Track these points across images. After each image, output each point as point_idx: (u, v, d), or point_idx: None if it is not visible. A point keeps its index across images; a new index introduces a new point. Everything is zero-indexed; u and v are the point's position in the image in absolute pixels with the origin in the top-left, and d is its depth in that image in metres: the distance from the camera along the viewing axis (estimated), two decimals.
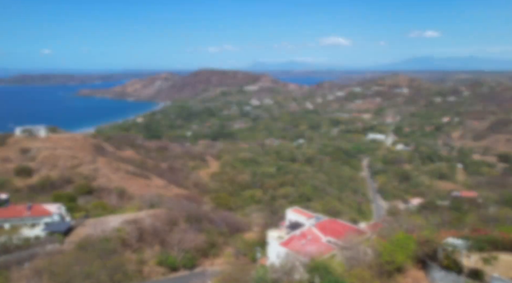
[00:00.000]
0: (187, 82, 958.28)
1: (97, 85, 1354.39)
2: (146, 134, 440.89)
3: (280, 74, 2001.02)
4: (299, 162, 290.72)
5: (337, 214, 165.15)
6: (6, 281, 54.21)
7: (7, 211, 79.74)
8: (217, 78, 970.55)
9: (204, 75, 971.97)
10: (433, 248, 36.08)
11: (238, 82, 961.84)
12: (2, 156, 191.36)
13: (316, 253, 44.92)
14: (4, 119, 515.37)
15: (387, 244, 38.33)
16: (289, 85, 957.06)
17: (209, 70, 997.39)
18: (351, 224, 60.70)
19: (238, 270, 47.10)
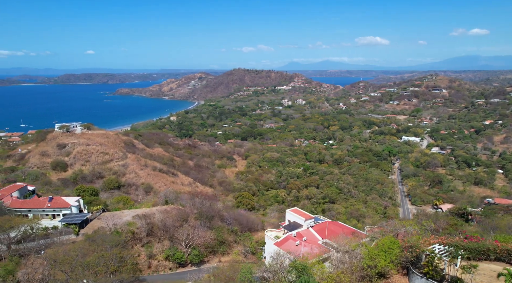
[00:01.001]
0: (220, 82, 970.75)
1: (135, 84, 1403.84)
2: (178, 133, 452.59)
3: (314, 74, 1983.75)
4: (327, 163, 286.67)
5: (360, 217, 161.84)
6: (17, 267, 58.08)
7: (31, 202, 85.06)
8: (250, 78, 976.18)
9: (237, 75, 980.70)
10: (416, 254, 34.67)
11: (271, 82, 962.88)
12: (42, 151, 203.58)
13: (308, 254, 44.56)
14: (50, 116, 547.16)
15: (371, 248, 37.29)
16: (322, 85, 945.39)
17: (243, 70, 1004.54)
18: (351, 227, 59.28)
19: (230, 268, 47.59)
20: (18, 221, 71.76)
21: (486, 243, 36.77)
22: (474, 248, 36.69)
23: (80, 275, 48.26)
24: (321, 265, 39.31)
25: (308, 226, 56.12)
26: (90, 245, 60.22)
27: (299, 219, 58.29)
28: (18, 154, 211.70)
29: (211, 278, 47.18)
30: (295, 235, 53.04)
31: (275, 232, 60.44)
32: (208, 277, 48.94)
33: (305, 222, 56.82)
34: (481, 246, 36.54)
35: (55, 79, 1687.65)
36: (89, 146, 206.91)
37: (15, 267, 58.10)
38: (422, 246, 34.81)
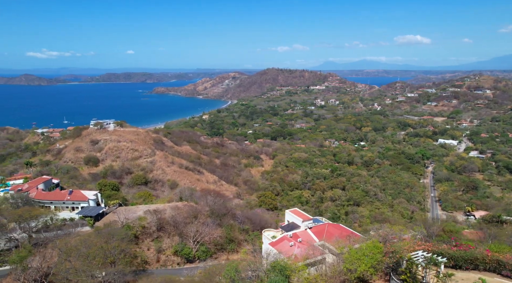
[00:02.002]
0: (254, 81, 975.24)
1: (171, 83, 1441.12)
2: (209, 131, 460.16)
3: (350, 74, 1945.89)
4: (356, 165, 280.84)
5: (384, 221, 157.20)
6: (29, 254, 61.95)
7: (53, 194, 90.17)
8: (283, 77, 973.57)
9: (270, 75, 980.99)
10: (395, 260, 33.31)
11: (305, 81, 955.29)
12: (76, 146, 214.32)
13: (301, 255, 44.24)
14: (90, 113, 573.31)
15: (353, 251, 36.34)
16: (357, 85, 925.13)
17: (276, 69, 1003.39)
18: (352, 230, 57.82)
19: (221, 266, 48.14)
20: (38, 211, 76.58)
21: (474, 252, 34.73)
22: (461, 256, 34.72)
23: (81, 265, 51.00)
24: (302, 267, 38.89)
25: (306, 227, 55.52)
26: (96, 237, 63.13)
27: (297, 219, 57.78)
28: (56, 148, 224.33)
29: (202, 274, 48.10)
30: (291, 236, 52.72)
31: (273, 232, 60.35)
32: (199, 273, 49.80)
33: (303, 223, 56.24)
34: (468, 254, 34.50)
35: (97, 78, 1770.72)
36: (120, 142, 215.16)
37: (27, 254, 62.35)
38: (404, 252, 33.52)
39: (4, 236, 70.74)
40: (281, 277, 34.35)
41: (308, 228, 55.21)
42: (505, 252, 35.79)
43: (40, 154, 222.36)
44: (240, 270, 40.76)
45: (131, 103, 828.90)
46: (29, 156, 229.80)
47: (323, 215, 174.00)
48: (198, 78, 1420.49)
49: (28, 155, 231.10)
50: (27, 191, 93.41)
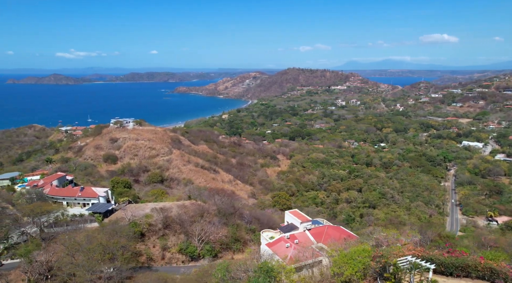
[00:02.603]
0: (274, 81, 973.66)
1: (193, 83, 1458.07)
2: (228, 131, 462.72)
3: (373, 73, 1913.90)
4: (374, 166, 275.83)
5: (399, 224, 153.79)
6: (36, 248, 64.08)
7: (65, 190, 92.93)
8: (304, 77, 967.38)
9: (291, 74, 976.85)
10: (381, 265, 32.30)
11: (326, 81, 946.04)
12: (96, 144, 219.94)
13: (296, 257, 43.85)
14: (113, 112, 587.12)
15: (342, 254, 35.56)
16: (379, 85, 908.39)
17: (297, 69, 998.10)
18: (352, 233, 56.61)
19: (213, 265, 48.25)
20: (49, 207, 79.15)
21: (466, 259, 33.24)
22: (451, 263, 33.28)
23: (81, 260, 52.54)
24: (290, 268, 38.42)
25: (305, 229, 54.85)
26: (99, 233, 64.62)
27: (295, 221, 57.16)
28: (77, 146, 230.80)
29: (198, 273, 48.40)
30: (288, 237, 52.25)
31: (272, 232, 59.99)
32: (195, 272, 50.13)
33: (301, 225, 55.56)
34: (459, 261, 33.03)
35: (121, 77, 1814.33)
36: (138, 141, 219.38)
37: (34, 248, 64.68)
38: (393, 257, 32.53)
39: (17, 229, 73.68)
40: (263, 279, 34.05)
41: (306, 229, 54.63)
42: (501, 260, 34.27)
43: (62, 151, 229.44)
44: (231, 270, 40.88)
45: (153, 102, 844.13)
46: (52, 152, 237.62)
47: (338, 216, 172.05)
48: (219, 78, 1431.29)
49: (51, 152, 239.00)
50: (41, 186, 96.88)
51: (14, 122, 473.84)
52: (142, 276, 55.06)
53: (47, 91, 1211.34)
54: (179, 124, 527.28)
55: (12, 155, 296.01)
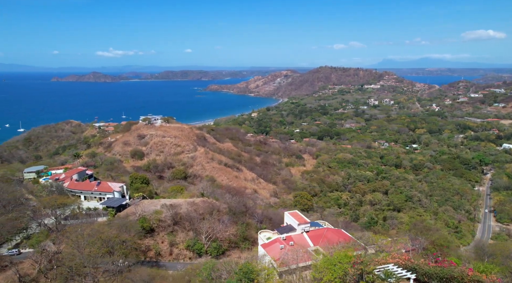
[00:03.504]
0: (305, 80, 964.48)
1: (225, 81, 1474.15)
2: (256, 129, 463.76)
3: (410, 72, 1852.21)
4: (404, 168, 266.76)
5: (424, 229, 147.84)
6: (46, 238, 67.03)
7: (82, 185, 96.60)
8: (336, 76, 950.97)
9: (323, 73, 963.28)
10: (359, 272, 30.80)
11: (359, 80, 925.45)
12: (125, 140, 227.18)
13: (287, 259, 43.16)
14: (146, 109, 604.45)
15: (324, 259, 34.30)
16: (415, 84, 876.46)
17: (329, 67, 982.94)
18: (352, 237, 54.65)
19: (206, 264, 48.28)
20: (64, 200, 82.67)
21: (453, 270, 30.96)
22: (435, 273, 31.15)
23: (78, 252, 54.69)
24: (270, 271, 37.67)
25: (303, 231, 53.69)
26: (104, 228, 66.57)
27: (294, 222, 56.07)
28: (107, 142, 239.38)
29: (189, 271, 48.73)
30: (284, 239, 51.33)
31: (270, 233, 59.21)
32: (188, 269, 50.47)
33: (299, 226, 54.37)
34: (444, 272, 30.82)
35: (156, 76, 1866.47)
36: (165, 137, 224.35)
37: (44, 238, 67.91)
38: (374, 264, 31.01)
39: (34, 220, 77.62)
40: (236, 280, 33.68)
41: (304, 231, 53.51)
42: (493, 272, 31.83)
43: (94, 146, 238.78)
44: (217, 270, 40.82)
45: (186, 100, 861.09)
46: (84, 147, 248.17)
47: (360, 218, 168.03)
48: (251, 76, 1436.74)
49: (84, 147, 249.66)
50: (62, 180, 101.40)
51: (55, 118, 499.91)
52: (137, 270, 56.23)
53: (87, 88, 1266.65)
54: (209, 122, 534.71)
55: (50, 148, 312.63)
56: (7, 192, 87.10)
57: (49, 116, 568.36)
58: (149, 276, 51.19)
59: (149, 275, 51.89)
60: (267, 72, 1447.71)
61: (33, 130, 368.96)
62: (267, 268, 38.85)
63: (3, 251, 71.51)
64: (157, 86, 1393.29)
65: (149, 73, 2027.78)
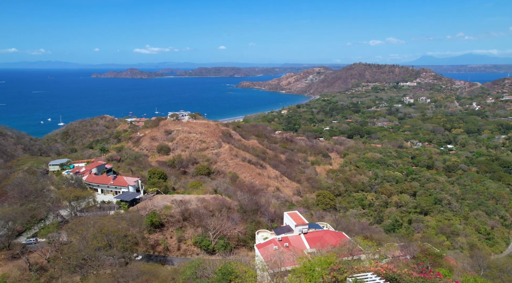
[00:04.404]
0: (338, 77, 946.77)
1: (257, 78, 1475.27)
2: (285, 126, 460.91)
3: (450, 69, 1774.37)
4: (436, 169, 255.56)
5: (451, 234, 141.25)
6: (56, 229, 69.67)
7: (99, 178, 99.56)
8: (371, 73, 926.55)
9: (357, 70, 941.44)
10: (334, 280, 29.02)
11: (394, 77, 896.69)
12: (152, 135, 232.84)
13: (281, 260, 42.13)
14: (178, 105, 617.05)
15: (304, 264, 32.80)
16: (455, 82, 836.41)
17: (363, 64, 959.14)
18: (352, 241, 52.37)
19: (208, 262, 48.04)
20: (79, 193, 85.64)
21: (437, 282, 28.49)
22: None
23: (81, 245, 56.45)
24: (251, 273, 36.60)
25: (300, 232, 52.12)
26: (109, 221, 68.08)
27: (291, 223, 54.56)
28: (136, 136, 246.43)
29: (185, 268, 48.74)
30: (280, 240, 50.07)
31: (268, 233, 58.00)
32: (179, 267, 50.47)
33: (296, 228, 52.77)
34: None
35: (190, 72, 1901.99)
36: (191, 133, 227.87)
37: (54, 229, 70.86)
38: (352, 272, 29.23)
39: (51, 211, 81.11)
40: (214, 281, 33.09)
41: (302, 233, 51.99)
42: None
43: (124, 141, 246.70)
44: (203, 269, 40.47)
45: (217, 97, 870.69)
46: (115, 142, 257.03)
47: (384, 220, 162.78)
48: (284, 73, 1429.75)
49: (115, 141, 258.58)
50: (82, 174, 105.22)
51: (93, 112, 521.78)
52: (132, 265, 57.13)
53: (123, 84, 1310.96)
54: (239, 119, 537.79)
55: (85, 142, 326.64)
56: (31, 183, 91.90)
57: (87, 110, 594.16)
58: (139, 272, 51.91)
59: (140, 271, 52.61)
60: (300, 69, 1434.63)
61: (71, 125, 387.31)
62: (248, 269, 38.05)
63: (22, 240, 75.39)
64: (190, 82, 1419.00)
65: (183, 70, 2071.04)
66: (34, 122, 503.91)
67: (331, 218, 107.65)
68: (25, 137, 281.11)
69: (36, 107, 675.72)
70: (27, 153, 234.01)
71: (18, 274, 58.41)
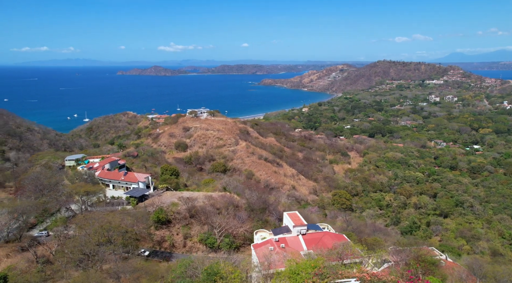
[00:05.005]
0: (362, 74, 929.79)
1: (280, 75, 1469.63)
2: (305, 124, 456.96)
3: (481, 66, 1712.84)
4: (460, 170, 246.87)
5: (471, 238, 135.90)
6: (63, 223, 71.29)
7: (111, 174, 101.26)
8: (395, 70, 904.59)
9: (381, 67, 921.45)
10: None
11: (420, 75, 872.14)
12: (170, 132, 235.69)
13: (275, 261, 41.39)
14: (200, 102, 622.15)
15: (288, 268, 31.72)
16: (485, 79, 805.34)
17: (388, 61, 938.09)
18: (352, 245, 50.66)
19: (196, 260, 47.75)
20: (89, 188, 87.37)
21: None
22: None
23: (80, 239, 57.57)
24: (237, 273, 35.80)
25: (298, 233, 50.93)
26: (114, 217, 68.95)
27: (290, 223, 53.40)
28: (156, 133, 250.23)
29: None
30: (277, 240, 49.09)
31: (266, 233, 57.01)
32: (172, 264, 50.45)
33: (294, 228, 51.57)
34: None
35: (212, 69, 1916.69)
36: (208, 130, 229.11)
37: (64, 222, 72.98)
38: (335, 277, 28.00)
39: (63, 206, 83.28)
40: (189, 280, 32.57)
41: (300, 234, 50.84)
42: None
43: (143, 137, 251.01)
44: (194, 268, 40.14)
45: (238, 94, 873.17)
46: (135, 138, 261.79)
47: (401, 222, 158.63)
48: (306, 70, 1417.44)
49: (135, 137, 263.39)
50: (95, 169, 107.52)
51: (117, 108, 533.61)
52: (130, 261, 57.65)
53: (148, 81, 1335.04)
54: (259, 116, 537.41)
55: (108, 138, 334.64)
56: (46, 177, 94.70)
57: (111, 107, 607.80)
58: (133, 268, 52.31)
59: (134, 268, 53.01)
60: (323, 66, 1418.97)
61: (95, 121, 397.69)
62: (234, 271, 37.38)
63: (35, 232, 77.80)
64: (212, 80, 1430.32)
65: (206, 67, 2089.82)
66: (61, 118, 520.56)
67: (342, 218, 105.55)
68: (51, 132, 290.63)
69: (63, 103, 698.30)
70: (52, 147, 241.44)
71: (25, 266, 60.30)
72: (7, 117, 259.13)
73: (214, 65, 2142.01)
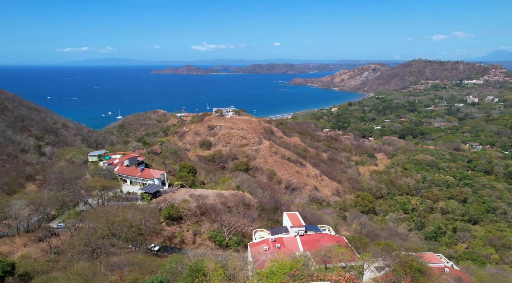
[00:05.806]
0: (395, 74, 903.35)
1: (311, 74, 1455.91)
2: (334, 124, 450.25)
3: None
4: (495, 175, 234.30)
5: (502, 247, 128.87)
6: (76, 216, 74.13)
7: (128, 170, 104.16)
8: (431, 70, 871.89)
9: (416, 67, 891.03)
10: None
11: (458, 75, 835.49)
12: (196, 130, 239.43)
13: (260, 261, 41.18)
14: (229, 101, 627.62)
15: (267, 268, 31.06)
16: None
17: (423, 61, 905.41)
18: (351, 248, 49.04)
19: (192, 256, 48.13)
20: (106, 183, 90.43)
21: None
22: None
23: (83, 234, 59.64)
24: (220, 272, 35.53)
25: (296, 234, 50.05)
26: (123, 211, 70.77)
27: (288, 224, 52.51)
28: (182, 131, 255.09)
29: None
30: (273, 240, 48.50)
31: (265, 233, 56.35)
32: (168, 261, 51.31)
33: (291, 229, 50.65)
34: None
35: (243, 69, 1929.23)
36: (232, 129, 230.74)
37: (76, 215, 76.04)
38: (309, 280, 27.16)
39: (81, 200, 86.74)
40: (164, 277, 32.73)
41: (298, 235, 50.01)
42: None
43: (170, 135, 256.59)
44: (185, 265, 40.44)
45: (268, 93, 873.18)
46: (162, 135, 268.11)
47: (426, 227, 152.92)
48: (338, 69, 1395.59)
49: (162, 135, 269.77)
50: (114, 165, 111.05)
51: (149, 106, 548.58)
52: (126, 256, 58.98)
53: (180, 80, 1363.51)
54: (288, 116, 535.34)
55: (138, 135, 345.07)
56: (69, 171, 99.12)
57: (144, 105, 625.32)
58: (128, 263, 53.59)
59: (129, 262, 54.30)
60: (356, 65, 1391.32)
61: (126, 118, 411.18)
62: (218, 269, 37.31)
63: (54, 224, 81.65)
64: (243, 79, 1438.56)
65: (237, 66, 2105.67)
66: (95, 115, 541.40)
67: (358, 221, 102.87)
68: (84, 129, 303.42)
69: (99, 101, 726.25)
70: (85, 143, 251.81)
71: (38, 255, 63.55)
72: (45, 114, 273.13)
73: (245, 65, 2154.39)
